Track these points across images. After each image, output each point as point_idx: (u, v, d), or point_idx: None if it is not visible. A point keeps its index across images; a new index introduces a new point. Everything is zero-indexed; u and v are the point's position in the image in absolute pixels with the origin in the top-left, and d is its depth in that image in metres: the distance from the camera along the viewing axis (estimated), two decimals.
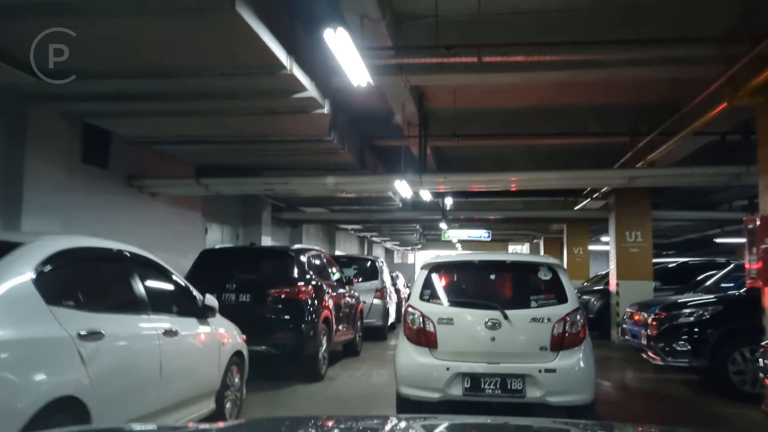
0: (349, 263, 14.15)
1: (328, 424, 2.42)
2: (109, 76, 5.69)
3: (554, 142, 10.61)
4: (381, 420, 2.81)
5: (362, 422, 2.49)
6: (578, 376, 4.97)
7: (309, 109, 6.43)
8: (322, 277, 9.15)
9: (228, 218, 14.10)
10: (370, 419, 3.07)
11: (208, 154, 9.42)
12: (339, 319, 9.34)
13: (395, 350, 5.49)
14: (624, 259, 13.44)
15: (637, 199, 13.45)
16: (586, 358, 5.01)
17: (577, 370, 4.95)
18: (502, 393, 4.87)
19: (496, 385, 4.89)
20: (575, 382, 4.96)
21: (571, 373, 4.92)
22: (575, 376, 4.95)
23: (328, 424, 2.42)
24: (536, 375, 4.85)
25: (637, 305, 10.53)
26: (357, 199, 13.98)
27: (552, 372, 4.87)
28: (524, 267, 5.79)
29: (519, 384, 4.87)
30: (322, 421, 2.52)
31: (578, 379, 4.97)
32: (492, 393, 4.89)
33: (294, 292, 7.93)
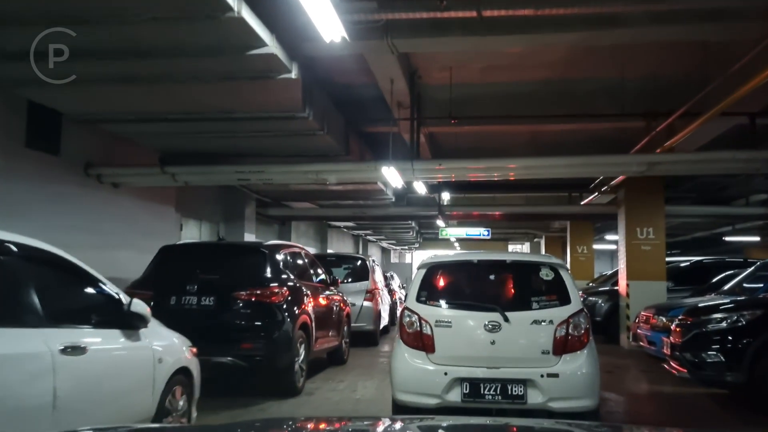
0: (338, 262, 13.12)
1: (328, 424, 2.46)
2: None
3: (560, 128, 9.56)
4: (380, 421, 2.76)
5: (362, 423, 2.54)
6: (582, 381, 4.76)
7: (272, 73, 5.39)
8: (301, 277, 8.12)
9: (207, 214, 13.06)
10: (369, 420, 3.05)
11: (171, 138, 8.36)
12: (321, 325, 8.31)
13: (390, 355, 5.30)
14: (635, 258, 12.45)
15: (650, 192, 12.46)
16: (590, 362, 4.80)
17: (580, 375, 4.75)
18: (502, 399, 4.68)
19: (497, 390, 4.71)
20: (579, 388, 4.76)
21: (574, 377, 4.73)
22: (579, 381, 4.76)
23: (329, 424, 2.46)
24: (538, 380, 4.66)
25: (654, 308, 9.52)
26: (346, 192, 12.93)
27: (554, 377, 4.68)
28: (525, 267, 5.53)
29: (520, 389, 4.68)
30: (322, 421, 2.57)
31: (582, 384, 4.77)
32: (492, 399, 4.70)
33: (265, 294, 6.88)
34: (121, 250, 9.27)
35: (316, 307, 8.25)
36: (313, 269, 8.93)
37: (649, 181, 12.28)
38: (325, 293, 9.01)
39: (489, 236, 21.77)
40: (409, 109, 8.30)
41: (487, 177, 8.60)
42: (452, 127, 9.65)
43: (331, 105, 8.02)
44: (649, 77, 8.33)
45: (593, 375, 4.80)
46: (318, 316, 8.20)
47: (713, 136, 9.02)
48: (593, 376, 4.80)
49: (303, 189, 12.69)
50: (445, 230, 21.36)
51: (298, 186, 12.16)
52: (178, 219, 11.59)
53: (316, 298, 8.40)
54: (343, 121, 8.62)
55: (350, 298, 12.14)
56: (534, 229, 25.93)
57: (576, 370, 4.74)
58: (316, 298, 8.38)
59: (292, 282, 7.61)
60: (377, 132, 9.87)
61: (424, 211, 15.21)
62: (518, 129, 9.78)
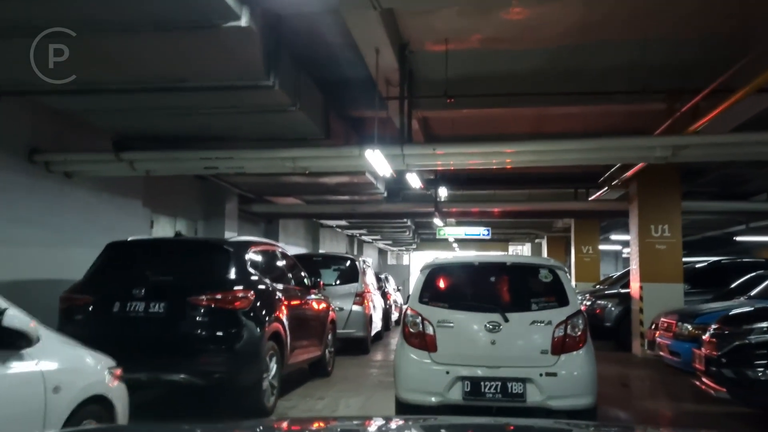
0: (325, 263, 12.07)
1: (327, 424, 2.53)
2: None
3: (568, 112, 8.49)
4: (381, 420, 2.83)
5: (362, 423, 2.58)
6: (580, 379, 4.91)
7: (215, 18, 4.32)
8: (275, 279, 7.07)
9: (183, 210, 11.98)
10: (371, 419, 3.23)
11: (123, 118, 7.22)
12: (298, 334, 7.26)
13: (394, 355, 5.43)
14: (648, 258, 11.42)
15: (665, 186, 11.45)
16: (587, 362, 4.95)
17: (578, 374, 4.90)
18: (502, 397, 4.80)
19: (497, 389, 4.81)
20: (577, 386, 4.90)
21: (572, 376, 4.88)
22: (577, 379, 4.90)
23: (328, 424, 2.53)
24: (537, 379, 4.79)
25: (676, 314, 8.47)
26: (334, 187, 11.85)
27: (553, 376, 4.81)
28: (525, 269, 5.70)
29: (520, 388, 4.80)
30: (321, 421, 2.77)
31: (580, 382, 4.91)
32: (492, 397, 4.81)
33: (227, 299, 5.83)
34: (75, 248, 8.19)
35: (293, 313, 7.20)
36: (290, 270, 7.88)
37: (664, 174, 11.29)
38: (306, 297, 7.96)
39: (489, 236, 20.69)
40: (399, 88, 7.22)
41: (487, 165, 7.52)
42: (448, 111, 8.59)
43: (307, 79, 6.94)
44: (671, 51, 7.25)
45: (591, 374, 4.91)
46: (295, 323, 7.15)
47: (746, 118, 7.94)
48: (591, 375, 4.91)
49: (287, 182, 11.60)
50: (442, 230, 20.29)
51: (280, 179, 11.10)
52: (147, 215, 10.52)
53: (294, 303, 7.35)
54: (321, 99, 7.55)
55: (338, 302, 11.12)
56: (536, 229, 24.86)
57: (574, 370, 4.87)
58: (293, 303, 7.33)
59: (263, 285, 6.56)
60: (365, 117, 8.80)
61: (419, 208, 14.11)
62: (521, 113, 8.71)
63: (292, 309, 7.20)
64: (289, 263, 7.95)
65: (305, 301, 7.87)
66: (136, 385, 5.67)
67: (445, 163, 7.67)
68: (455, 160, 7.35)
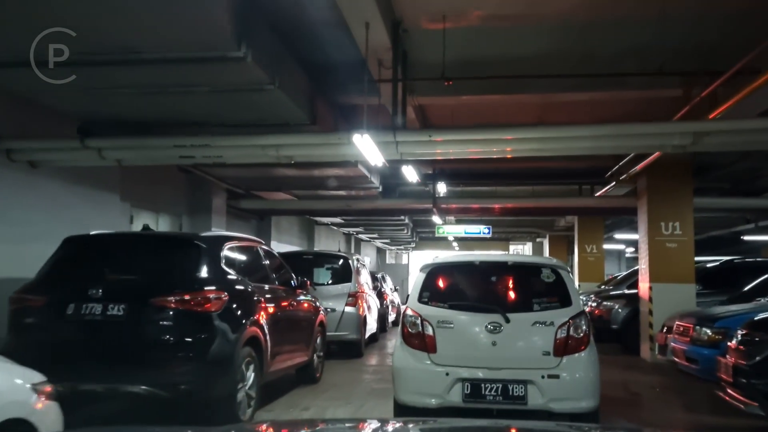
0: (316, 261, 11.44)
1: (326, 426, 2.53)
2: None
3: (576, 99, 7.84)
4: (380, 423, 2.74)
5: (361, 424, 2.58)
6: (583, 382, 4.82)
7: None
8: (255, 278, 6.44)
9: (167, 205, 11.35)
10: (369, 421, 3.14)
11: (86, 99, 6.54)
12: (281, 338, 6.62)
13: (392, 356, 5.30)
14: (658, 257, 10.81)
15: (676, 180, 10.83)
16: (590, 364, 4.85)
17: (581, 376, 4.82)
18: (503, 400, 4.71)
19: (498, 391, 4.73)
20: (579, 389, 4.82)
21: (575, 379, 4.79)
22: (579, 382, 4.82)
23: (326, 426, 2.53)
24: (539, 381, 4.69)
25: (693, 317, 7.83)
26: (326, 180, 11.19)
27: (555, 378, 4.71)
28: (526, 268, 5.60)
29: (521, 390, 4.71)
30: (320, 423, 2.75)
31: (583, 385, 4.82)
32: (493, 399, 4.72)
33: (197, 300, 5.19)
34: (41, 244, 7.50)
35: (276, 315, 6.57)
36: (274, 269, 7.24)
37: (675, 169, 10.68)
38: (291, 298, 7.33)
39: (489, 234, 20.02)
40: (392, 70, 6.57)
41: (487, 153, 6.84)
42: (446, 98, 7.96)
43: (288, 56, 6.28)
44: (689, 30, 6.60)
45: (594, 376, 4.81)
46: (277, 327, 6.53)
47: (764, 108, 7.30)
48: (594, 378, 4.81)
49: (276, 175, 10.95)
50: (442, 228, 19.66)
51: (269, 172, 10.46)
52: (126, 209, 9.88)
53: (277, 304, 6.72)
54: (306, 82, 6.89)
55: (330, 302, 10.51)
56: (537, 228, 24.24)
57: (577, 372, 4.77)
58: (276, 305, 6.70)
59: (240, 285, 5.93)
60: (356, 105, 8.15)
61: (417, 205, 13.46)
62: (525, 101, 8.08)
63: (274, 311, 6.57)
64: (272, 261, 7.31)
65: (290, 303, 7.24)
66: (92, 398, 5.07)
67: (443, 152, 7.03)
68: (453, 149, 6.70)
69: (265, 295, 6.41)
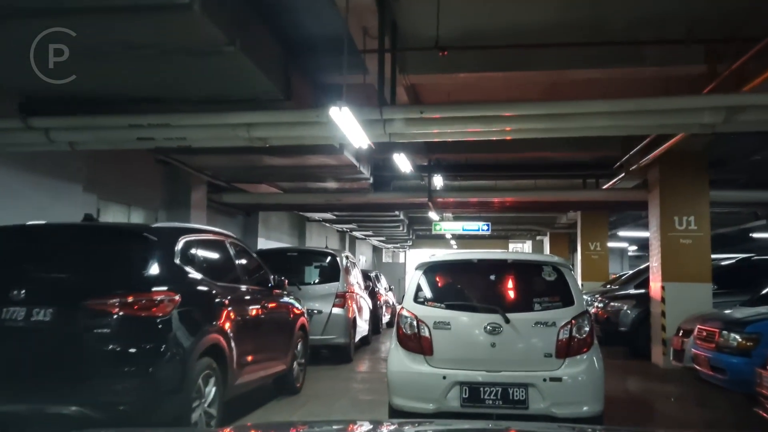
0: (301, 259, 10.60)
1: (323, 427, 2.50)
2: None
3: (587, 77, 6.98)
4: (376, 424, 2.67)
5: (358, 426, 2.52)
6: (586, 385, 4.60)
7: None
8: (221, 277, 5.59)
9: (140, 198, 10.51)
10: (365, 423, 2.98)
11: (24, 66, 5.67)
12: (252, 345, 5.79)
13: (387, 359, 5.10)
14: (672, 254, 10.03)
15: (691, 172, 10.08)
16: (594, 366, 4.63)
17: (585, 379, 4.59)
18: (503, 404, 4.51)
19: (497, 395, 4.53)
20: (583, 392, 4.60)
21: (578, 382, 4.57)
22: (583, 385, 4.59)
23: (324, 427, 2.49)
24: (540, 384, 4.50)
25: (718, 320, 6.99)
26: (312, 171, 10.33)
27: (557, 381, 4.52)
28: (527, 267, 5.38)
29: (522, 394, 4.51)
30: (317, 424, 2.63)
31: (586, 388, 4.61)
32: (492, 404, 4.52)
33: (140, 303, 4.34)
34: None
35: (245, 319, 5.74)
36: (245, 267, 6.40)
37: (690, 159, 9.89)
38: (266, 299, 6.49)
39: (489, 231, 19.16)
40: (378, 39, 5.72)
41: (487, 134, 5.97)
42: (441, 76, 7.13)
43: (255, 16, 5.40)
44: None
45: (598, 379, 4.65)
46: (247, 332, 5.70)
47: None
48: (598, 381, 4.65)
49: (257, 165, 10.07)
50: (439, 224, 18.82)
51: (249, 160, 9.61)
52: (92, 202, 9.04)
53: (247, 306, 5.89)
54: (279, 51, 6.01)
55: (316, 303, 9.71)
56: (538, 225, 23.43)
57: (580, 374, 4.60)
58: (247, 308, 5.88)
59: (199, 284, 5.09)
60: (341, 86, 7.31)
61: (411, 199, 12.60)
62: (530, 79, 7.24)
63: (243, 315, 5.73)
64: (244, 258, 6.47)
65: (265, 305, 6.39)
66: (14, 421, 4.24)
67: (438, 134, 6.16)
68: (449, 128, 5.84)
69: (232, 297, 5.57)
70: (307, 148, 8.32)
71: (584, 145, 10.46)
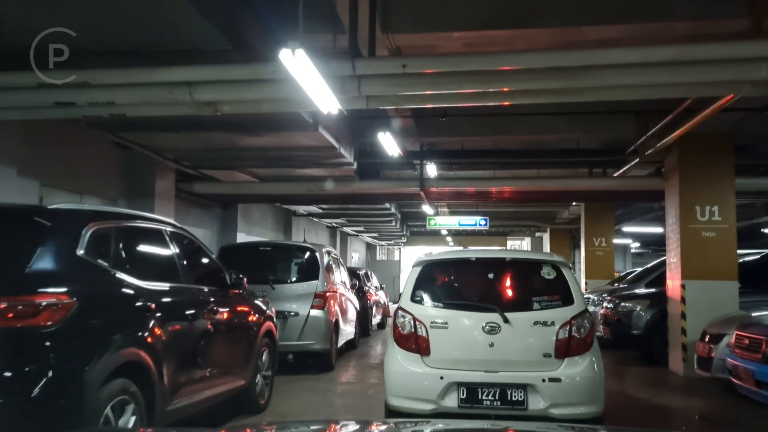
0: (275, 254, 9.46)
1: (321, 428, 2.45)
2: None
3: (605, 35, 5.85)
4: (373, 424, 2.62)
5: (355, 426, 2.50)
6: (586, 385, 4.54)
7: None
8: (147, 275, 4.42)
9: (95, 186, 9.32)
10: (362, 423, 2.97)
11: None
12: (192, 360, 4.66)
13: (383, 358, 5.00)
14: (693, 249, 8.94)
15: (714, 156, 8.95)
16: (594, 366, 4.57)
17: (584, 380, 4.53)
18: (501, 405, 4.48)
19: (495, 395, 4.50)
20: (583, 393, 4.54)
21: (578, 382, 4.52)
22: (583, 385, 4.54)
23: (322, 428, 2.45)
24: (539, 385, 4.47)
25: (764, 326, 5.87)
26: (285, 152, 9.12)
27: (557, 381, 4.47)
28: (526, 265, 5.19)
29: (520, 395, 4.47)
30: (314, 425, 2.52)
31: (586, 389, 4.55)
32: (490, 405, 4.50)
33: (17, 310, 3.20)
34: None
35: (183, 328, 4.61)
36: (189, 262, 5.24)
37: (713, 142, 8.79)
38: (218, 301, 5.34)
39: (486, 226, 18.02)
40: None
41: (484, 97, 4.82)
42: (431, 35, 5.97)
43: None
44: None
45: (598, 380, 4.57)
46: (185, 344, 4.59)
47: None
48: (598, 381, 4.57)
49: (221, 145, 8.83)
50: (433, 219, 17.69)
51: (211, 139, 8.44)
52: (33, 189, 7.88)
53: (187, 311, 4.75)
54: None
55: (293, 304, 8.64)
56: (537, 221, 22.29)
57: (580, 375, 4.52)
58: (186, 313, 4.73)
59: (113, 284, 3.94)
60: None
61: (401, 188, 11.43)
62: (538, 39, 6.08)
63: (181, 322, 4.60)
64: (190, 252, 5.32)
65: (216, 309, 5.24)
66: None
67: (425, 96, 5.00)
68: (439, 88, 4.68)
69: (165, 300, 4.43)
70: (276, 123, 7.18)
71: (592, 125, 9.34)
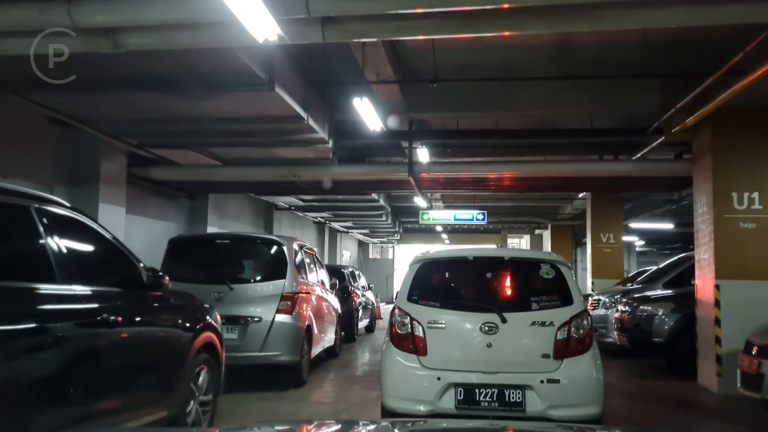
0: (234, 249, 8.03)
1: (319, 428, 2.45)
2: None
3: None
4: (371, 424, 2.59)
5: (353, 426, 2.50)
6: (585, 386, 4.52)
7: None
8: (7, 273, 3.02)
9: (25, 169, 7.89)
10: (359, 423, 2.96)
11: None
12: (59, 393, 3.26)
13: (380, 359, 4.93)
14: (729, 243, 7.66)
15: (754, 131, 7.61)
16: (593, 367, 4.55)
17: (583, 381, 4.52)
18: (499, 406, 4.45)
19: (493, 397, 4.46)
20: (581, 394, 4.51)
21: (576, 383, 4.50)
22: (581, 386, 4.52)
23: (320, 428, 2.46)
24: (537, 386, 4.43)
25: None
26: (241, 126, 7.58)
27: (555, 382, 4.44)
28: (524, 264, 5.22)
29: (518, 396, 4.43)
30: (312, 425, 2.51)
31: (585, 390, 4.52)
32: (488, 406, 4.46)
33: None
34: None
35: (58, 348, 3.23)
36: (78, 256, 3.84)
37: (752, 116, 7.52)
38: (122, 308, 3.94)
39: (484, 221, 16.59)
40: None
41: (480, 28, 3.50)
42: None
43: None
44: None
45: (597, 381, 4.53)
46: (38, 369, 3.17)
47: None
48: (597, 382, 4.53)
49: (162, 115, 7.35)
50: (427, 213, 16.29)
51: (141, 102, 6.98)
52: None
53: (63, 325, 3.34)
54: None
55: (255, 308, 7.29)
56: (538, 216, 20.93)
57: (578, 376, 4.50)
58: (63, 327, 3.32)
59: None
60: None
61: (388, 174, 10.00)
62: None
63: (53, 341, 3.20)
64: (78, 241, 3.91)
65: (112, 317, 3.83)
66: None
67: (406, 15, 3.60)
68: (419, 2, 3.29)
69: (22, 310, 3.03)
70: (220, 80, 5.79)
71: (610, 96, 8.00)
